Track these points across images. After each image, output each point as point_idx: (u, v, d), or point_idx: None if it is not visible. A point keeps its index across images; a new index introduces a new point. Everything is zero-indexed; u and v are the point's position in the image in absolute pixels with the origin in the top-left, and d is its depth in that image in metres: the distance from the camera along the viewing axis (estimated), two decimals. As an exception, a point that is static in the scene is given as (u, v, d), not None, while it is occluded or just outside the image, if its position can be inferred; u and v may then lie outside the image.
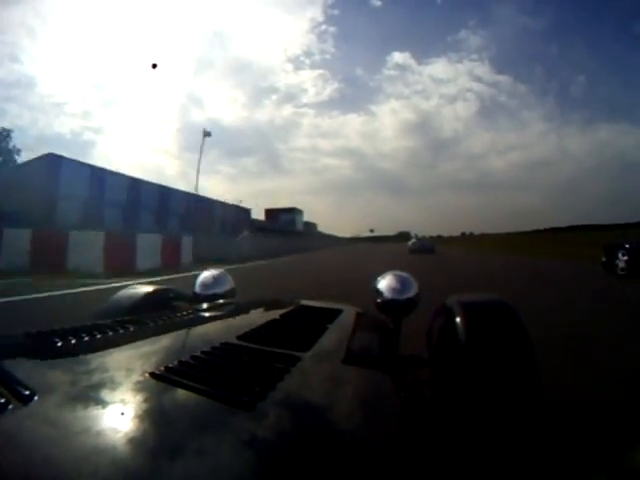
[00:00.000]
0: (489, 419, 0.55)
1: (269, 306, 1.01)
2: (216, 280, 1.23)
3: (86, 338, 0.55)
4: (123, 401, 0.36)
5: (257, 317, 0.77)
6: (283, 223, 49.86)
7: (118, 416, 0.33)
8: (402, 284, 1.11)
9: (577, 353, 2.43)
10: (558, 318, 3.49)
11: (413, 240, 27.72)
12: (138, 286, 1.15)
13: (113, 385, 0.39)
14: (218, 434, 0.32)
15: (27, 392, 0.35)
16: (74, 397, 0.37)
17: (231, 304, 1.05)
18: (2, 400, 0.34)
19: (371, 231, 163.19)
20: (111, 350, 0.52)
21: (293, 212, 56.61)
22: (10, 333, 0.60)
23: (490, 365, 0.62)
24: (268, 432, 0.33)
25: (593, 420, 1.45)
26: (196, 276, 1.26)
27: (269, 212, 52.96)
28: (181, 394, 0.38)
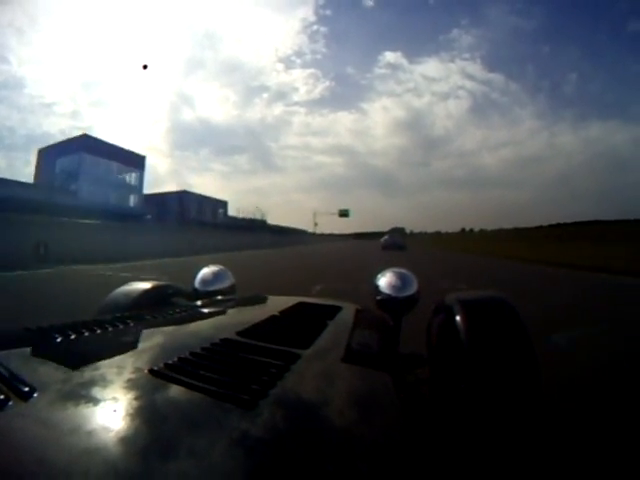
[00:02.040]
0: (489, 417, 0.55)
1: (269, 302, 1.01)
2: (216, 276, 1.23)
3: (86, 334, 0.55)
4: (122, 398, 0.36)
5: (257, 313, 0.76)
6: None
7: (118, 413, 0.33)
8: (402, 281, 1.10)
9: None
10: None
11: (385, 237, 27.49)
12: (137, 282, 1.14)
13: (112, 381, 0.39)
14: (218, 432, 0.32)
15: (27, 388, 0.35)
16: (74, 393, 0.36)
17: (231, 300, 1.05)
18: (2, 396, 0.34)
19: (343, 215, 63.26)
20: (111, 346, 0.52)
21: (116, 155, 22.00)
22: (9, 328, 0.60)
23: (490, 363, 0.61)
24: (269, 430, 0.33)
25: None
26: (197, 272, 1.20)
27: (42, 153, 22.37)
28: (180, 391, 0.37)
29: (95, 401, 0.35)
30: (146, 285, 1.11)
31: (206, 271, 1.24)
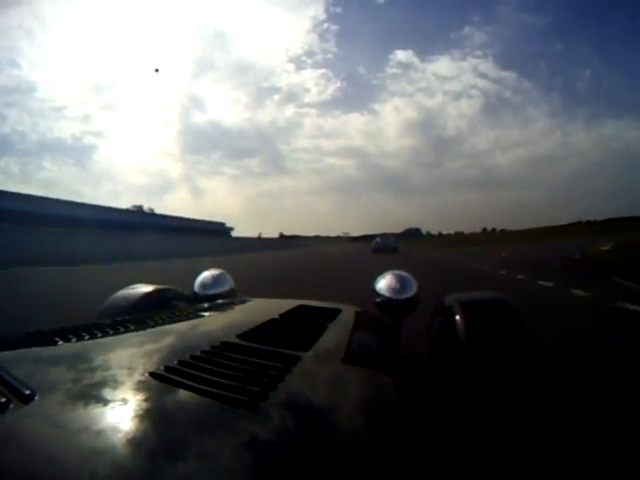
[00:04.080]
0: (490, 417, 0.55)
1: (269, 306, 1.01)
2: (216, 280, 1.23)
3: (86, 337, 0.56)
4: (123, 401, 0.36)
5: (257, 316, 0.76)
6: None
7: (119, 416, 0.33)
8: (402, 284, 1.10)
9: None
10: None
11: (377, 239, 24.30)
12: (138, 285, 1.15)
13: (113, 385, 0.39)
14: (219, 434, 0.32)
15: (28, 391, 0.35)
16: (74, 397, 0.37)
17: (231, 303, 1.05)
18: (3, 399, 0.34)
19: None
20: (111, 349, 0.52)
21: None
22: (10, 332, 0.60)
23: (490, 363, 0.61)
24: (269, 432, 0.33)
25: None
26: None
27: None
28: (181, 394, 0.38)
29: (96, 404, 0.35)
30: (147, 288, 1.12)
31: (206, 275, 1.24)
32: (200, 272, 1.26)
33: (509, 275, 7.70)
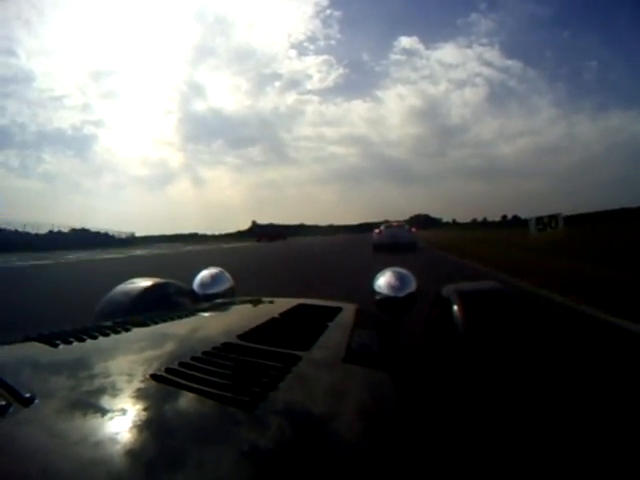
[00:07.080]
0: (489, 408, 0.55)
1: (268, 305, 1.01)
2: (215, 279, 1.23)
3: (87, 340, 0.56)
4: (125, 403, 0.36)
5: (257, 316, 0.77)
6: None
7: (120, 418, 0.33)
8: (400, 281, 1.11)
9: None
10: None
11: (380, 228, 13.88)
12: (138, 280, 1.15)
13: (114, 387, 0.39)
14: (220, 435, 0.32)
15: (28, 394, 0.35)
16: (75, 399, 0.37)
17: (230, 303, 1.06)
18: (3, 402, 0.34)
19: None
20: (111, 351, 0.53)
21: None
22: (10, 335, 0.60)
23: (489, 353, 0.61)
24: (269, 432, 0.33)
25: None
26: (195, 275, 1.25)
27: None
28: (182, 395, 0.38)
29: (97, 406, 0.35)
30: (147, 283, 1.12)
31: (205, 274, 1.24)
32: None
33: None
